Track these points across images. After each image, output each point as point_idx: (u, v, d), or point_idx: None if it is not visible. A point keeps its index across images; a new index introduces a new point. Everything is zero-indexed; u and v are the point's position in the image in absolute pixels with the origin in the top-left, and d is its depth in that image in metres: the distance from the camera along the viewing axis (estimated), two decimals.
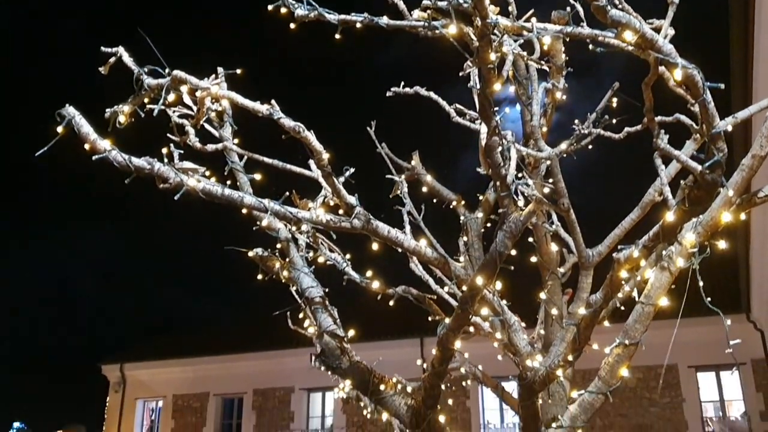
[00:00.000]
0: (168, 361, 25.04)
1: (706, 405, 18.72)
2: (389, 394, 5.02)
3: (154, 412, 25.83)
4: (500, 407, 20.85)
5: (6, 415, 28.32)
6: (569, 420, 5.21)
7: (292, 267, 5.73)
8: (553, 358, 4.74)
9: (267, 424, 23.21)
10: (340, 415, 22.38)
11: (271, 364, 23.52)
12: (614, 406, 18.72)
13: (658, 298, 4.87)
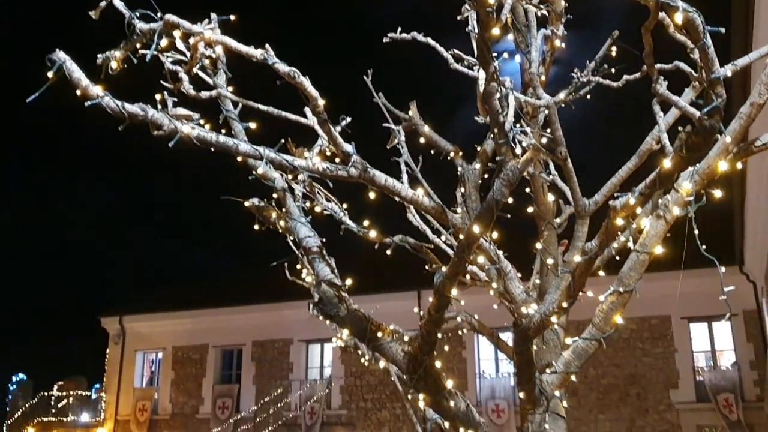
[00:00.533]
0: (167, 314, 25.28)
1: (698, 355, 19.05)
2: (386, 341, 5.07)
3: (154, 363, 26.20)
4: (495, 357, 21.17)
5: (7, 368, 28.69)
6: (563, 366, 5.29)
7: (288, 217, 5.72)
8: (548, 305, 4.79)
9: (266, 374, 23.57)
10: (339, 365, 22.72)
11: (269, 317, 23.76)
12: (607, 356, 19.04)
13: (653, 247, 4.90)
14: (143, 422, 24.23)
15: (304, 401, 21.97)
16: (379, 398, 21.88)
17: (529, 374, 5.03)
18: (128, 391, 25.20)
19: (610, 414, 18.89)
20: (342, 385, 22.45)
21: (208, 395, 24.01)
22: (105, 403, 25.46)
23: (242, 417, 22.57)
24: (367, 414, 21.88)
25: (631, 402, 18.78)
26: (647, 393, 18.71)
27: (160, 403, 24.77)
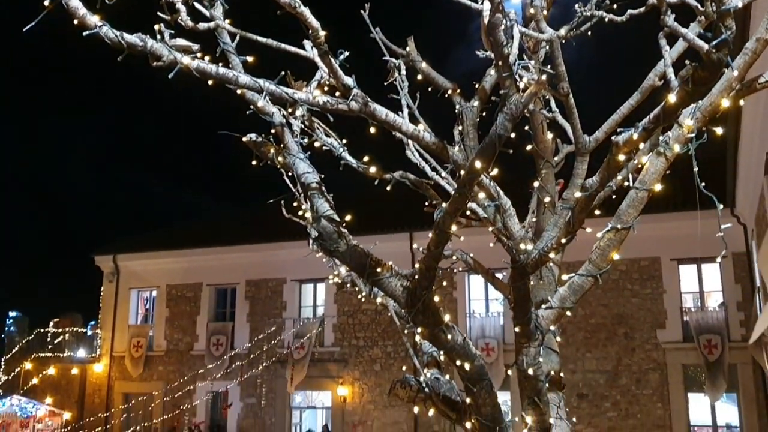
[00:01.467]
0: (161, 253, 25.40)
1: (686, 296, 19.38)
2: (386, 276, 5.12)
3: (149, 301, 26.46)
4: (486, 297, 21.50)
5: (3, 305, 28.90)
6: (558, 301, 5.37)
7: (287, 153, 5.68)
8: (546, 242, 4.83)
9: (260, 312, 23.87)
10: (331, 304, 23.01)
11: (263, 257, 23.92)
12: (596, 297, 19.35)
13: (653, 184, 4.92)
14: (138, 358, 24.62)
15: (295, 338, 22.31)
16: (371, 336, 22.25)
17: (526, 309, 5.10)
18: (123, 328, 25.54)
19: (597, 352, 19.31)
20: (335, 324, 22.79)
21: (202, 332, 24.35)
22: (100, 339, 25.80)
23: (236, 353, 22.94)
24: (359, 351, 22.29)
25: (618, 341, 19.19)
26: (634, 332, 19.10)
27: (155, 340, 25.14)
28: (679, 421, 18.13)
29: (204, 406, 23.44)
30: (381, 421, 21.48)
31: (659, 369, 18.62)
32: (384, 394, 21.56)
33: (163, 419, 21.67)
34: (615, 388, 18.91)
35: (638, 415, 18.55)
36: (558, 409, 5.90)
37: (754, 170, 13.15)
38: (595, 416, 18.68)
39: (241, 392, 23.19)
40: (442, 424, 20.75)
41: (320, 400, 23.64)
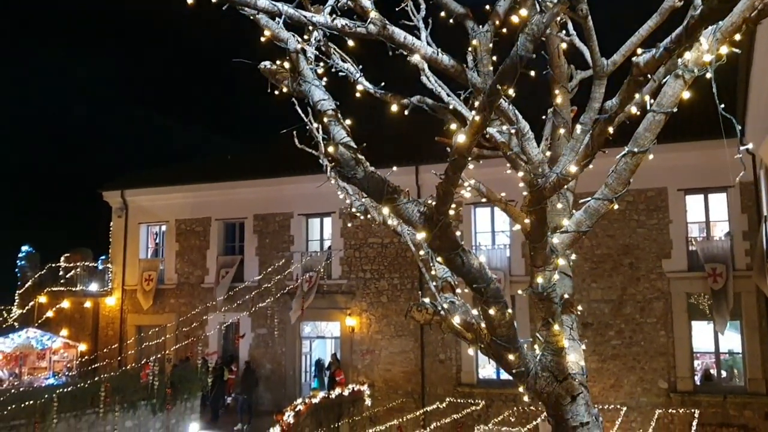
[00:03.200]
0: (169, 188, 25.51)
1: (692, 226, 19.48)
2: (403, 201, 5.16)
3: (158, 235, 26.73)
4: (492, 230, 21.65)
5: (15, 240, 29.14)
6: (574, 225, 5.45)
7: (302, 80, 5.64)
8: (564, 165, 4.86)
9: (268, 246, 24.13)
10: (338, 238, 23.21)
11: (270, 192, 24.03)
12: (602, 228, 19.47)
13: (671, 107, 4.91)
14: (150, 291, 25.04)
15: (304, 271, 22.61)
16: (378, 269, 22.53)
17: (542, 234, 5.17)
18: (134, 262, 25.89)
19: (603, 282, 19.57)
20: (342, 257, 23.04)
21: (212, 266, 24.69)
22: (112, 273, 26.20)
23: (246, 286, 23.30)
24: (366, 283, 22.61)
25: (623, 271, 19.41)
26: (640, 263, 19.30)
27: (166, 273, 25.52)
28: (682, 348, 18.52)
29: (216, 337, 23.98)
30: (388, 350, 21.98)
31: (663, 298, 18.89)
32: (391, 324, 22.01)
33: (176, 350, 22.18)
34: (619, 317, 19.25)
35: (642, 342, 18.94)
36: (571, 330, 6.06)
37: (765, 98, 13.02)
38: (599, 344, 19.08)
39: (252, 323, 23.69)
40: (448, 353, 21.23)
41: (329, 330, 24.14)
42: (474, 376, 20.84)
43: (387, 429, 18.55)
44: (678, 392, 18.24)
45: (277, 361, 23.41)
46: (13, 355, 22.22)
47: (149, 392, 18.51)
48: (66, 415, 16.16)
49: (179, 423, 19.40)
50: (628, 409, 18.25)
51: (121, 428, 17.52)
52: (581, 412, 5.66)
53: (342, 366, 21.92)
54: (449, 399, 19.98)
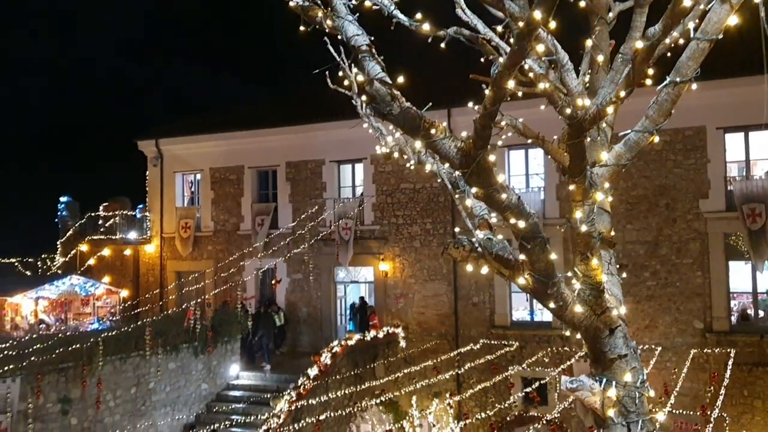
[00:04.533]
0: (202, 137, 25.72)
1: (731, 165, 19.06)
2: (439, 137, 5.15)
3: (193, 183, 27.09)
4: (526, 173, 21.48)
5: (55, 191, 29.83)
6: (614, 158, 5.39)
7: (335, 15, 5.59)
8: (604, 96, 4.78)
9: (301, 193, 24.31)
10: (370, 184, 23.25)
11: (301, 139, 24.06)
12: (638, 169, 19.18)
13: (716, 34, 4.77)
14: (187, 238, 25.52)
15: (337, 218, 22.77)
16: (410, 214, 22.59)
17: (581, 167, 5.12)
18: (171, 210, 26.33)
19: (638, 224, 19.38)
20: (374, 203, 23.12)
21: (247, 213, 25.01)
22: (150, 221, 26.71)
23: (281, 233, 23.60)
24: (398, 229, 22.72)
25: (659, 212, 19.18)
26: (676, 203, 19.03)
27: (203, 221, 25.94)
28: (718, 289, 18.37)
29: (254, 282, 24.44)
30: (422, 294, 22.20)
31: (700, 238, 18.67)
32: (424, 269, 22.17)
33: (215, 295, 22.70)
34: (655, 258, 19.11)
35: (677, 283, 18.83)
36: (609, 265, 6.06)
37: None
38: (634, 285, 19.01)
39: (287, 269, 24.07)
40: (481, 296, 21.37)
41: (363, 275, 24.42)
42: (507, 319, 20.99)
43: (422, 369, 18.89)
44: (714, 332, 18.19)
45: (313, 305, 23.83)
46: (58, 301, 22.99)
47: (191, 335, 19.07)
48: (111, 358, 16.77)
49: (220, 364, 20.02)
50: (662, 349, 18.26)
51: (164, 370, 18.14)
52: (619, 345, 5.71)
53: (376, 310, 22.25)
54: (483, 341, 20.19)
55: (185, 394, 18.78)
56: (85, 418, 16.04)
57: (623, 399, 5.73)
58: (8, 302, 22.05)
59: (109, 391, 16.64)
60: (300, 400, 16.35)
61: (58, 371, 15.57)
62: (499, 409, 17.21)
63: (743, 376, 17.57)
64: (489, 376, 17.89)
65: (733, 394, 17.31)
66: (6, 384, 14.12)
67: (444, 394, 20.04)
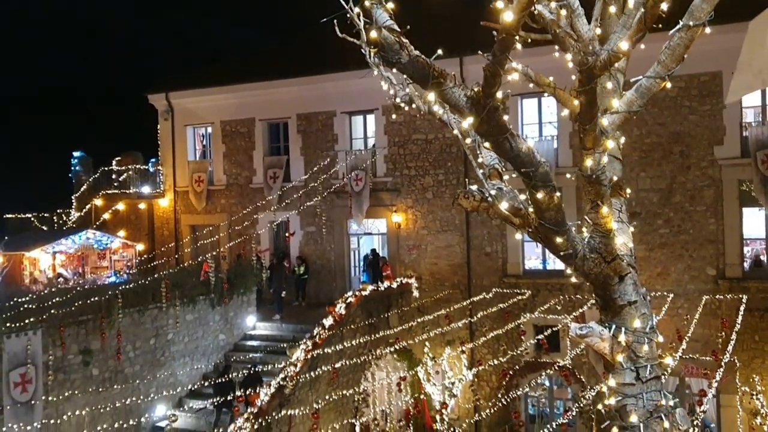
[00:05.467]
0: (211, 89, 25.57)
1: (747, 111, 18.79)
2: (449, 86, 5.12)
3: (205, 137, 27.10)
4: (539, 121, 21.29)
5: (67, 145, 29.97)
6: (625, 105, 5.34)
7: None
8: (615, 41, 4.71)
9: (312, 145, 24.26)
10: (382, 135, 23.16)
11: (312, 90, 23.90)
12: (652, 116, 18.97)
13: None
14: (200, 192, 25.67)
15: (350, 170, 22.76)
16: (422, 165, 22.54)
17: (592, 114, 5.08)
18: (183, 164, 26.43)
19: (652, 171, 19.25)
20: (386, 155, 23.06)
21: (259, 166, 25.05)
22: (162, 175, 26.85)
23: (293, 185, 23.67)
24: (411, 180, 22.70)
25: (673, 159, 19.02)
26: (690, 150, 18.85)
27: (215, 175, 26.04)
28: (732, 235, 18.32)
29: (267, 235, 24.65)
30: (434, 245, 22.31)
31: (714, 185, 18.54)
32: (437, 220, 22.23)
33: (230, 248, 22.93)
34: (668, 206, 19.03)
35: (690, 231, 18.79)
36: (620, 213, 6.06)
37: None
38: (647, 234, 18.99)
39: (301, 221, 24.22)
40: (494, 246, 21.45)
41: (376, 227, 24.53)
42: (520, 268, 21.10)
43: (435, 318, 19.13)
44: (726, 279, 18.22)
45: (327, 258, 24.03)
46: (75, 255, 23.36)
47: (207, 288, 19.35)
48: (130, 310, 17.07)
49: (237, 316, 20.35)
50: (674, 296, 18.35)
51: (182, 321, 18.48)
52: (629, 292, 5.75)
53: (389, 261, 22.41)
54: (495, 290, 20.36)
55: (203, 344, 19.16)
56: (106, 369, 16.44)
57: (632, 344, 5.81)
58: (26, 257, 22.42)
59: (128, 342, 17.01)
60: (316, 349, 16.64)
61: (77, 324, 15.89)
62: (511, 356, 17.45)
63: (755, 321, 17.68)
64: (501, 324, 18.09)
65: (745, 340, 17.44)
66: (28, 336, 14.45)
67: (457, 342, 20.33)
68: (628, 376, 5.89)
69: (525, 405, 21.06)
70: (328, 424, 15.79)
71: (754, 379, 17.61)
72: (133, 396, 16.16)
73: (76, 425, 14.86)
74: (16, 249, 22.63)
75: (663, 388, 6.12)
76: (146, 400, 16.23)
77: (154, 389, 16.92)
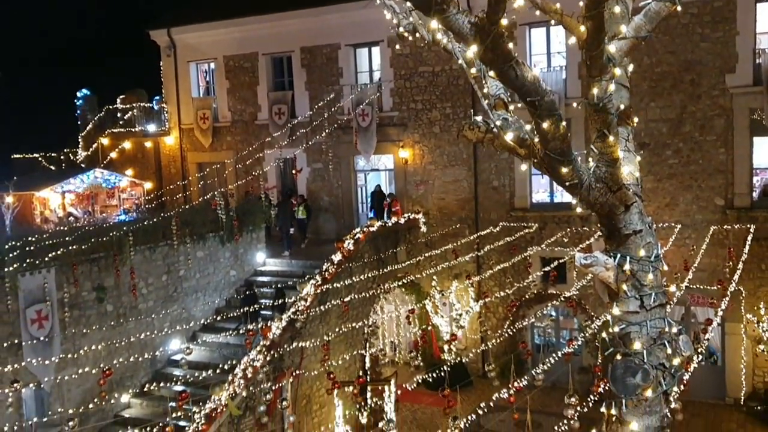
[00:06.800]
0: (213, 24, 25.15)
1: (761, 37, 18.33)
2: (452, 12, 4.99)
3: (208, 73, 26.80)
4: (547, 51, 20.92)
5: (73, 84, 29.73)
6: (633, 30, 5.22)
7: None
8: None
9: (317, 80, 23.98)
10: (387, 68, 22.83)
11: (315, 22, 23.46)
12: (663, 44, 18.59)
13: None
14: (206, 129, 25.57)
15: (355, 105, 22.55)
16: (429, 99, 22.29)
17: (599, 40, 4.97)
18: (187, 101, 26.24)
19: (661, 101, 18.97)
20: (392, 88, 22.79)
21: (263, 102, 24.84)
22: (167, 113, 26.71)
23: (299, 122, 23.51)
24: (417, 114, 22.50)
25: (684, 89, 18.71)
26: (702, 79, 18.52)
27: (220, 111, 25.87)
28: (741, 165, 18.16)
29: (274, 172, 24.67)
30: (442, 179, 22.27)
31: (725, 114, 18.28)
32: (444, 155, 22.13)
33: (237, 185, 22.98)
34: (677, 136, 18.83)
35: (700, 161, 18.64)
36: (627, 142, 6.00)
37: None
38: (655, 164, 18.87)
39: (307, 158, 24.17)
40: (501, 180, 21.40)
41: (383, 163, 24.48)
42: (527, 201, 21.10)
43: (442, 253, 19.29)
44: (734, 208, 18.18)
45: (334, 194, 24.08)
46: (84, 194, 23.51)
47: (217, 225, 19.49)
48: (141, 248, 17.26)
49: (247, 252, 20.57)
50: (682, 227, 18.37)
51: (193, 258, 18.70)
52: (634, 221, 5.75)
53: (397, 197, 22.44)
54: (503, 223, 20.43)
55: (215, 280, 19.45)
56: (120, 305, 16.76)
57: (637, 273, 5.85)
58: (36, 196, 22.58)
59: (141, 279, 17.27)
60: (325, 284, 16.87)
61: (90, 261, 16.11)
62: (518, 288, 17.64)
63: (761, 250, 17.73)
64: (508, 257, 18.23)
65: (751, 269, 17.53)
66: (42, 274, 14.69)
67: (464, 275, 20.55)
68: (632, 304, 5.95)
69: (531, 335, 21.42)
70: (338, 355, 16.15)
71: (759, 307, 17.79)
72: (148, 331, 16.50)
73: (93, 359, 15.25)
74: (26, 189, 22.77)
75: (668, 316, 6.20)
76: (160, 335, 16.59)
77: (168, 324, 17.26)
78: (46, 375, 14.06)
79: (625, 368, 5.84)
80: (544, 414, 15.66)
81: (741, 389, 17.65)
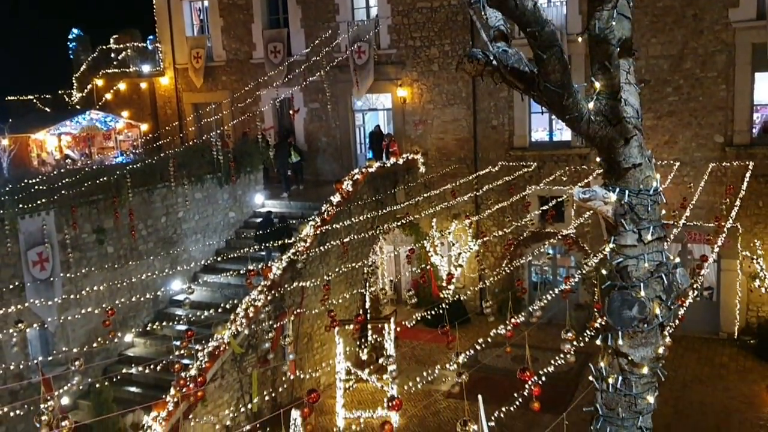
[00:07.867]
0: None
1: None
2: None
3: (202, 11, 26.23)
4: None
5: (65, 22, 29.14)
6: None
7: None
8: None
9: (313, 17, 23.50)
10: (384, 4, 22.36)
11: None
12: None
13: None
14: (199, 69, 25.18)
15: (352, 42, 22.18)
16: (428, 36, 21.90)
17: None
18: (181, 40, 25.76)
19: (663, 37, 18.66)
20: (390, 25, 22.37)
21: (259, 40, 24.40)
22: (162, 53, 26.27)
23: (295, 60, 23.16)
24: (416, 52, 22.15)
25: (686, 24, 18.38)
26: (704, 14, 18.17)
27: (214, 50, 25.42)
28: (742, 101, 17.98)
29: (271, 112, 24.42)
30: (441, 119, 22.10)
31: (727, 50, 17.99)
32: (443, 93, 21.89)
33: (234, 126, 22.80)
34: (678, 73, 18.59)
35: (700, 98, 18.46)
36: (627, 74, 5.90)
37: None
38: (655, 101, 18.69)
39: (304, 98, 23.91)
40: (500, 119, 21.24)
41: (381, 102, 24.23)
42: (526, 140, 20.98)
43: (441, 193, 19.30)
44: (734, 146, 18.10)
45: (332, 135, 23.91)
46: (81, 136, 23.35)
47: (214, 167, 19.43)
48: (139, 190, 17.27)
49: (245, 194, 20.58)
50: (681, 164, 18.35)
51: (192, 200, 18.72)
52: (634, 154, 5.71)
53: (395, 137, 22.29)
54: (501, 163, 20.37)
55: (214, 222, 19.51)
56: (120, 246, 16.86)
57: (635, 207, 5.84)
58: (32, 139, 22.43)
59: (140, 221, 17.33)
60: (324, 225, 16.93)
61: (89, 203, 16.13)
62: (516, 227, 17.71)
63: (759, 187, 17.75)
64: (506, 197, 18.25)
65: (749, 206, 17.59)
66: (41, 217, 14.72)
67: (462, 215, 20.61)
68: (630, 238, 5.96)
69: (529, 273, 21.64)
70: (338, 294, 16.35)
71: (755, 243, 17.92)
72: (149, 272, 16.65)
73: (96, 300, 15.42)
74: (22, 131, 22.59)
75: (665, 250, 6.23)
76: (162, 275, 16.75)
77: (169, 265, 17.40)
78: (50, 315, 14.25)
79: (622, 301, 5.90)
80: (541, 350, 15.96)
81: (735, 324, 17.96)
